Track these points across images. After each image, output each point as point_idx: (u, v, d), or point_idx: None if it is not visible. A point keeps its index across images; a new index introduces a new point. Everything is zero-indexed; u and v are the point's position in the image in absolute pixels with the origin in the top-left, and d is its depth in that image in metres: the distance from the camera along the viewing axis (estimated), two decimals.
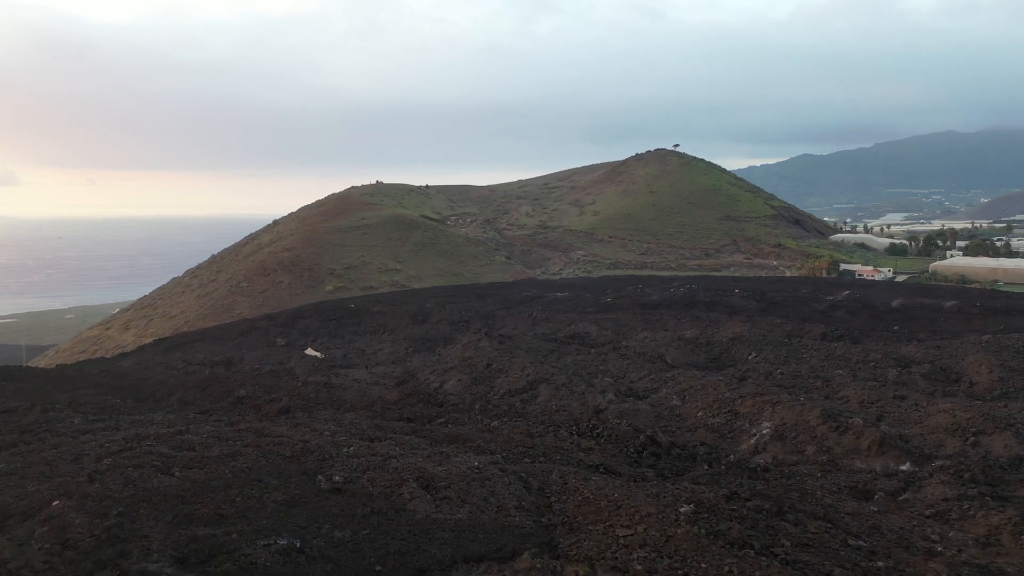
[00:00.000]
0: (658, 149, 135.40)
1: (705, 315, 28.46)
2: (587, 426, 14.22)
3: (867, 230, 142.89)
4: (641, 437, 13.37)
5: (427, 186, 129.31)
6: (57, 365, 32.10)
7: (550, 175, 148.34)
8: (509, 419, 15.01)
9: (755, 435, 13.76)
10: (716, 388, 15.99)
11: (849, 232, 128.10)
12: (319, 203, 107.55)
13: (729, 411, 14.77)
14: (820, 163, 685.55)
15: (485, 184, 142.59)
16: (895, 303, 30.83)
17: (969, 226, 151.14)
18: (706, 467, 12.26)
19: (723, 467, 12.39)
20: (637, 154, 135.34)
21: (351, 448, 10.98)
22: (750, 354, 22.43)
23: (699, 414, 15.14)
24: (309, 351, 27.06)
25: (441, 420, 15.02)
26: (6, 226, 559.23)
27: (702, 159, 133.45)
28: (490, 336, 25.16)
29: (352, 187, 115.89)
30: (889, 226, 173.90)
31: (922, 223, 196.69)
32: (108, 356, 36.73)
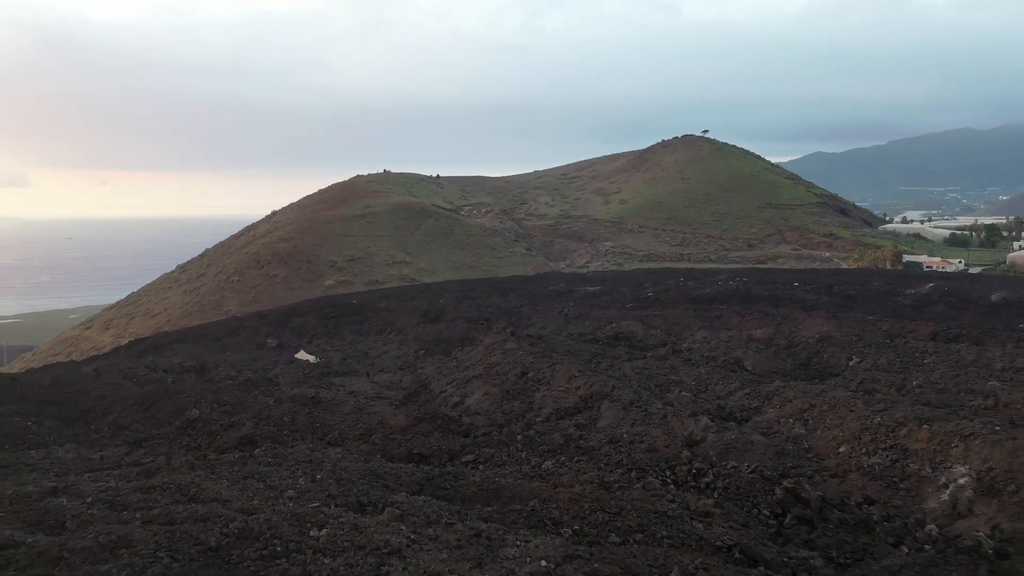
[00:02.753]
0: (686, 135, 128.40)
1: (773, 311, 23.80)
2: (685, 471, 9.61)
3: (905, 223, 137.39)
4: (777, 491, 8.76)
5: (438, 176, 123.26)
6: None
7: (567, 165, 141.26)
8: (566, 456, 10.41)
9: (947, 486, 9.10)
10: (852, 409, 11.32)
11: (900, 223, 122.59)
12: (321, 192, 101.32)
13: (891, 446, 10.10)
14: (834, 161, 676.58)
15: (499, 176, 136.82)
16: (995, 297, 26.10)
17: (995, 221, 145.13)
18: (904, 550, 7.62)
19: (927, 547, 7.76)
20: (663, 140, 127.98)
21: (325, 530, 6.41)
22: (849, 359, 17.78)
23: (841, 449, 10.48)
24: (301, 354, 22.62)
25: (468, 458, 10.46)
26: (16, 227, 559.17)
27: (735, 145, 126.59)
28: (518, 336, 20.65)
29: (358, 175, 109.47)
30: (930, 218, 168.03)
31: (947, 219, 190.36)
32: (79, 359, 32.48)
